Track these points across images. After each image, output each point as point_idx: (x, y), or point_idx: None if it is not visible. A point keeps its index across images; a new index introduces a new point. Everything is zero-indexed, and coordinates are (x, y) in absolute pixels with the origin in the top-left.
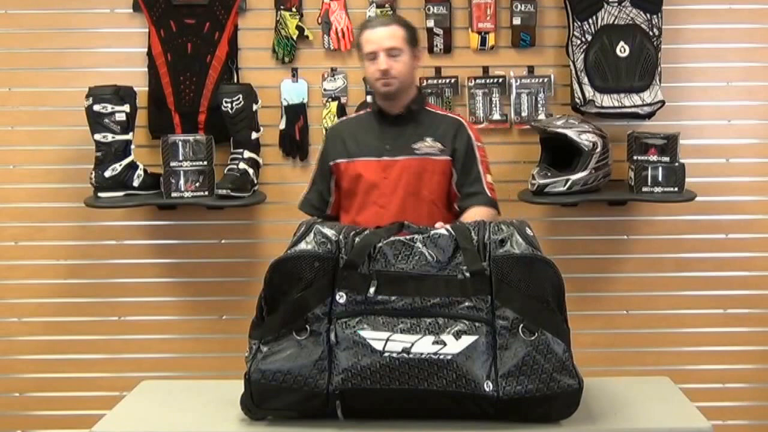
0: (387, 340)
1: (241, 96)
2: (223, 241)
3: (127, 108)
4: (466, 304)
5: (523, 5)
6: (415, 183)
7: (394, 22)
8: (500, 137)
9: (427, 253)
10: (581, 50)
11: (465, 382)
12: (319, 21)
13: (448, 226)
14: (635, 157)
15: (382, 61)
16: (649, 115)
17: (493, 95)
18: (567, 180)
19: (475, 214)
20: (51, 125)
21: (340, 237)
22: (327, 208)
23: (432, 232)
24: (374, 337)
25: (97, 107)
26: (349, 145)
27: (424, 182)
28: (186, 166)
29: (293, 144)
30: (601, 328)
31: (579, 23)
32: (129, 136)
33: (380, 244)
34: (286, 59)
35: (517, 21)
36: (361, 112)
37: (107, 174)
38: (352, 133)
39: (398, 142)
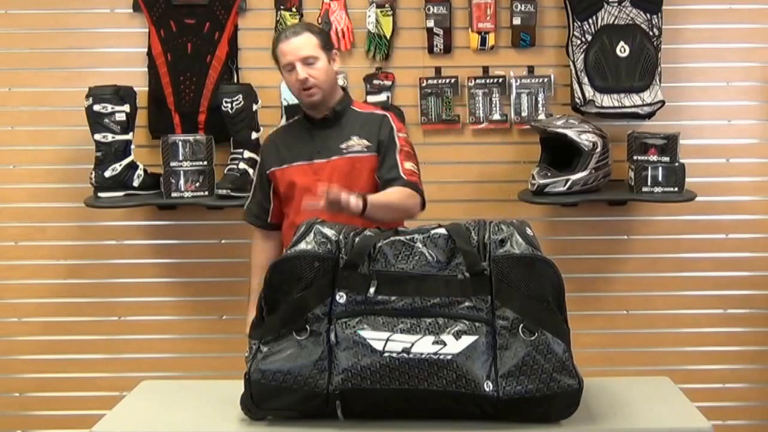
0: (387, 340)
1: (241, 96)
2: (223, 241)
3: (127, 108)
4: (466, 304)
5: (523, 5)
6: (347, 182)
7: (305, 29)
8: (500, 137)
9: (427, 253)
10: (581, 50)
11: (465, 382)
12: (319, 21)
13: (448, 227)
14: (635, 157)
15: (300, 71)
16: (649, 115)
17: (493, 95)
18: (567, 180)
19: (391, 191)
20: (51, 125)
21: (340, 237)
22: (268, 216)
23: (432, 232)
24: (374, 337)
25: (97, 107)
26: (282, 152)
27: (354, 180)
28: (186, 166)
29: None
30: (601, 328)
31: (579, 23)
32: (129, 136)
33: (380, 244)
34: None
35: (517, 21)
36: (294, 120)
37: (107, 174)
38: (285, 141)
39: (327, 144)
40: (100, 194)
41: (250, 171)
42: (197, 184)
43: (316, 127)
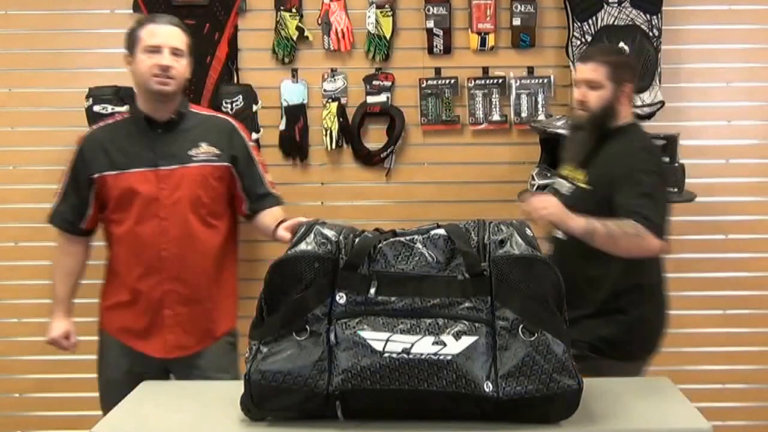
0: (387, 340)
1: (241, 97)
2: None
3: (126, 109)
4: (466, 304)
5: (522, 6)
6: (196, 191)
7: (180, 26)
8: (500, 138)
9: (427, 254)
10: (581, 51)
11: (465, 382)
12: (319, 22)
13: (447, 228)
14: None
15: (167, 56)
16: (649, 116)
17: (493, 96)
18: None
19: (274, 213)
20: (51, 126)
21: (340, 237)
22: (82, 222)
23: (432, 232)
24: (374, 338)
25: (97, 108)
26: (114, 155)
27: (205, 190)
28: None
29: (293, 145)
30: None
31: (579, 24)
32: None
33: (380, 245)
34: (286, 60)
35: (516, 21)
36: (118, 119)
37: None
38: (116, 143)
39: (173, 149)
40: None
41: None
42: None
43: (158, 129)
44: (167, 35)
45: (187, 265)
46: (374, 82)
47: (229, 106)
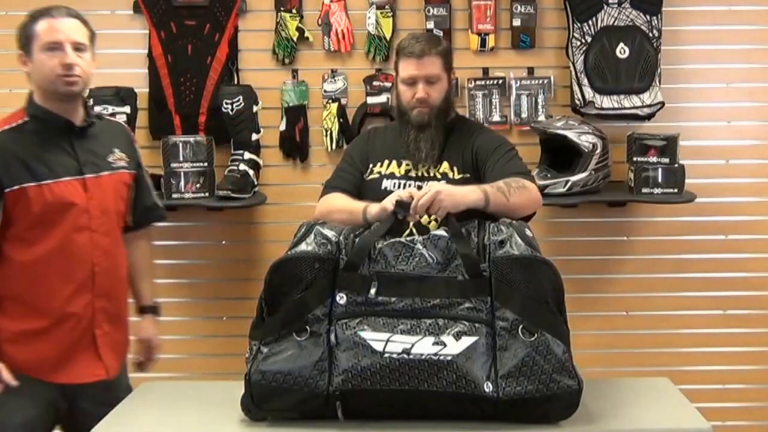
0: (387, 341)
1: (241, 97)
2: (223, 243)
3: (127, 109)
4: (466, 305)
5: (522, 6)
6: (116, 199)
7: (78, 17)
8: None
9: (427, 255)
10: (581, 51)
11: (465, 383)
12: (320, 22)
13: (447, 228)
14: (635, 159)
15: (70, 54)
16: (649, 117)
17: (493, 96)
18: (567, 181)
19: (143, 254)
20: None
21: (341, 238)
22: None
23: (432, 233)
24: (374, 338)
25: (97, 108)
26: (33, 165)
27: (123, 199)
28: (186, 168)
29: (294, 145)
30: (601, 329)
31: (579, 24)
32: None
33: (380, 246)
34: (287, 61)
35: (516, 22)
36: (13, 123)
37: None
38: (29, 151)
39: (94, 156)
40: None
41: (251, 172)
42: (197, 186)
43: (74, 135)
44: (68, 29)
45: (114, 281)
46: (374, 83)
47: (229, 106)
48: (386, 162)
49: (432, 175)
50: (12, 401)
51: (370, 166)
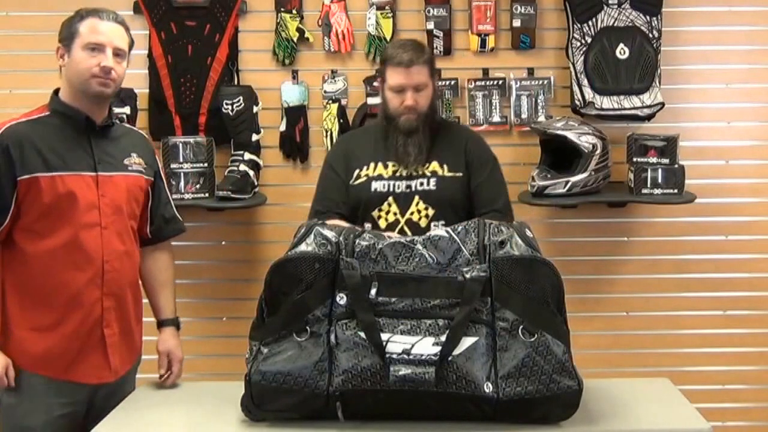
0: (387, 341)
1: (241, 98)
2: (223, 243)
3: (127, 110)
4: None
5: (522, 7)
6: (129, 201)
7: (124, 24)
8: (500, 139)
9: (427, 255)
10: (581, 52)
11: (465, 383)
12: (320, 23)
13: (448, 229)
14: (635, 159)
15: (110, 58)
16: (649, 117)
17: (493, 97)
18: (567, 182)
19: (166, 267)
20: None
21: (341, 239)
22: None
23: (432, 234)
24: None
25: None
26: (48, 156)
27: (137, 202)
28: (186, 168)
29: (294, 146)
30: (601, 329)
31: (579, 25)
32: None
33: (381, 246)
34: (287, 61)
35: (516, 23)
36: (37, 115)
37: None
38: (46, 142)
39: (110, 156)
40: None
41: (251, 173)
42: (198, 186)
43: (94, 133)
44: (112, 33)
45: (124, 283)
46: (375, 84)
47: (229, 107)
48: (372, 164)
49: (421, 173)
50: (36, 400)
51: (356, 171)
